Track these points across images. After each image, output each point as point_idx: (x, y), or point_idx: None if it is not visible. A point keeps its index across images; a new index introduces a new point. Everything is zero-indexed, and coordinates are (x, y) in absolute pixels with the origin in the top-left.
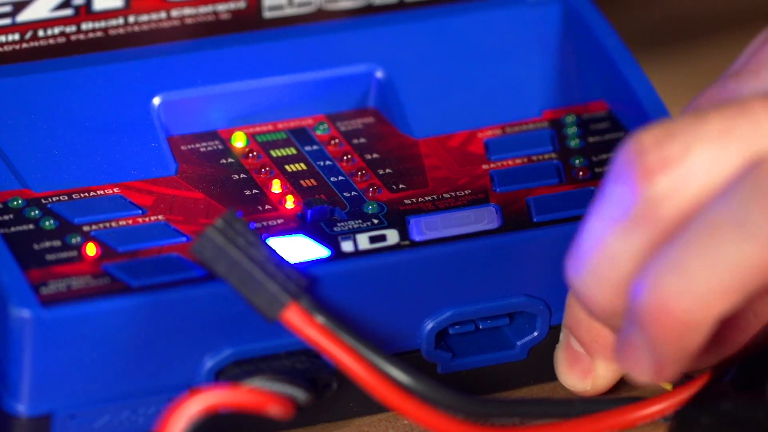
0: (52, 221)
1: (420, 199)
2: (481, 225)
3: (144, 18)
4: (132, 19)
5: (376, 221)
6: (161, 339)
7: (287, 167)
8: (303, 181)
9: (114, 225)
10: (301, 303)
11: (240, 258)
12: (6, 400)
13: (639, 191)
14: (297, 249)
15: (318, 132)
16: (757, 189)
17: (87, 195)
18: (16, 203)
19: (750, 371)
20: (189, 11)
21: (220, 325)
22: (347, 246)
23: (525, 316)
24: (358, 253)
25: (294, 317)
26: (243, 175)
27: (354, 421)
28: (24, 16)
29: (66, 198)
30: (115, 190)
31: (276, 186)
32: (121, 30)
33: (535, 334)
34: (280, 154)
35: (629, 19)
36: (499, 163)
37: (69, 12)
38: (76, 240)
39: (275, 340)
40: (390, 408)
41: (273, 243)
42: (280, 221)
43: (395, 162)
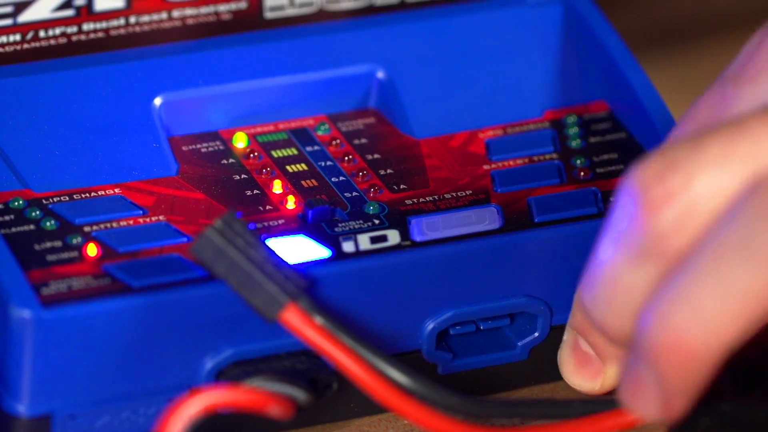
0: (52, 222)
1: (421, 200)
2: (482, 225)
3: (145, 18)
4: (133, 20)
5: (377, 222)
6: (161, 339)
7: (288, 168)
8: (304, 182)
9: (115, 225)
10: (300, 304)
11: (239, 259)
12: (6, 400)
13: (645, 225)
14: (298, 249)
15: (319, 132)
16: (759, 211)
17: (88, 195)
18: (16, 204)
19: (750, 371)
20: (190, 12)
21: (220, 326)
22: (348, 246)
23: (526, 316)
24: (359, 254)
25: (293, 318)
26: (244, 176)
27: (354, 422)
28: (25, 16)
29: (67, 198)
30: (116, 190)
31: (277, 186)
32: (123, 30)
33: (536, 334)
34: (281, 154)
35: (629, 19)
36: (500, 164)
37: (70, 12)
38: (76, 240)
39: (275, 340)
40: (389, 409)
41: (274, 243)
42: (281, 222)
43: (396, 162)
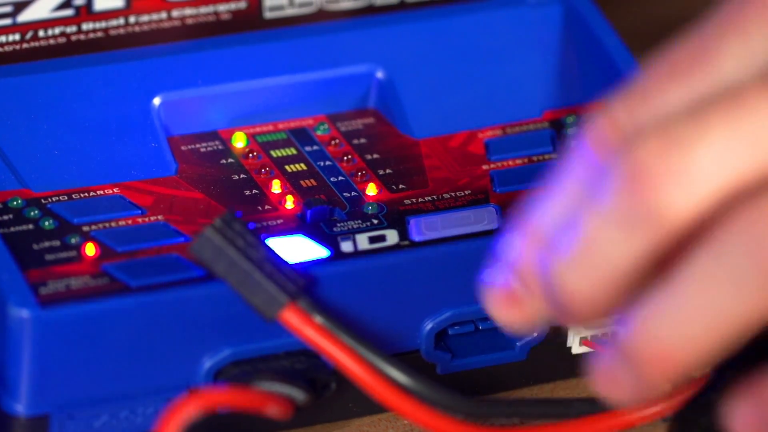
0: (51, 221)
1: (420, 200)
2: (481, 225)
3: (144, 18)
4: (132, 20)
5: (375, 221)
6: (160, 339)
7: (287, 167)
8: (303, 182)
9: (113, 225)
10: (300, 303)
11: (238, 258)
12: (4, 399)
13: (645, 202)
14: (297, 249)
15: (318, 132)
16: (756, 232)
17: (87, 195)
18: (15, 203)
19: (750, 371)
20: (190, 11)
21: (219, 326)
22: (347, 246)
23: None
24: (357, 254)
25: (292, 317)
26: (243, 176)
27: (353, 421)
28: (24, 16)
29: (65, 198)
30: (115, 190)
31: (276, 186)
32: (122, 30)
33: (535, 334)
34: (280, 154)
35: (629, 19)
36: (500, 164)
37: (69, 12)
38: (75, 240)
39: (274, 340)
40: (389, 408)
41: (273, 243)
42: (279, 221)
43: (395, 162)
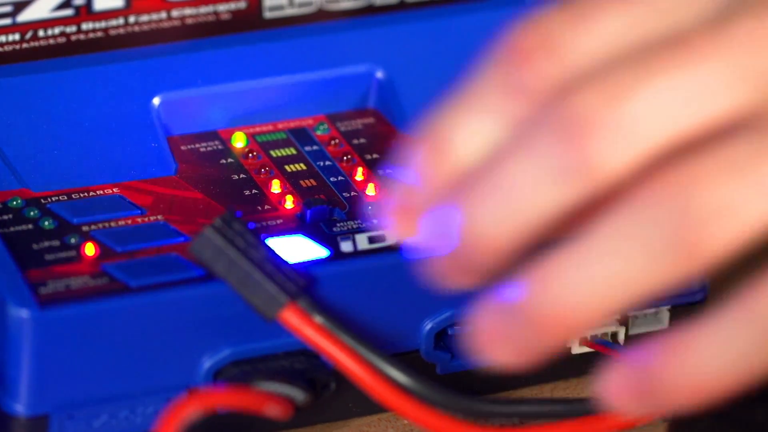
0: (51, 221)
1: None
2: None
3: (144, 18)
4: (132, 20)
5: (375, 221)
6: (160, 339)
7: (287, 167)
8: (302, 182)
9: (113, 225)
10: (300, 303)
11: (238, 258)
12: (4, 399)
13: (575, 151)
14: (296, 249)
15: (318, 132)
16: (677, 208)
17: (86, 195)
18: (15, 203)
19: None
20: (189, 11)
21: (218, 326)
22: (346, 246)
23: None
24: (357, 254)
25: (292, 317)
26: (243, 175)
27: (353, 421)
28: (24, 16)
29: (65, 198)
30: (115, 190)
31: (275, 186)
32: (122, 30)
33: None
34: (279, 154)
35: None
36: None
37: (69, 12)
38: (75, 240)
39: (274, 340)
40: (389, 408)
41: (272, 243)
42: (279, 221)
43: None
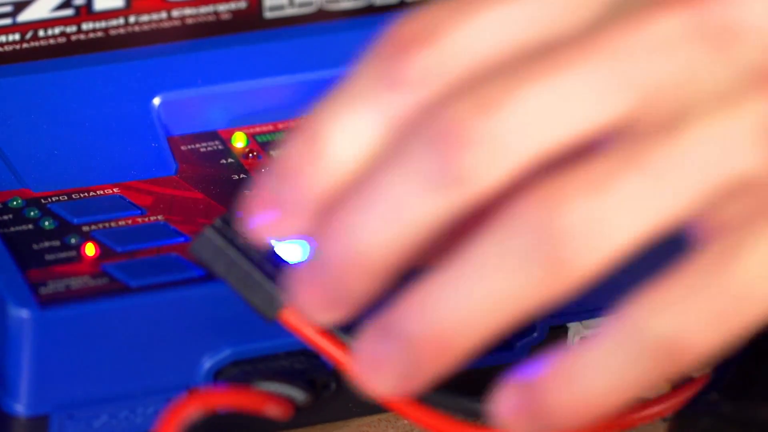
0: (51, 221)
1: None
2: None
3: (144, 18)
4: (132, 19)
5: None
6: (160, 339)
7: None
8: None
9: (113, 225)
10: None
11: (238, 258)
12: (4, 400)
13: (447, 162)
14: (296, 249)
15: None
16: (540, 225)
17: (86, 195)
18: (15, 203)
19: (749, 372)
20: (190, 11)
21: (218, 326)
22: None
23: None
24: None
25: (292, 317)
26: (243, 175)
27: (353, 422)
28: (24, 16)
29: (65, 198)
30: (115, 190)
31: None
32: (122, 30)
33: (535, 335)
34: None
35: None
36: None
37: (69, 12)
38: (75, 240)
39: (274, 340)
40: (388, 408)
41: (272, 243)
42: None
43: None
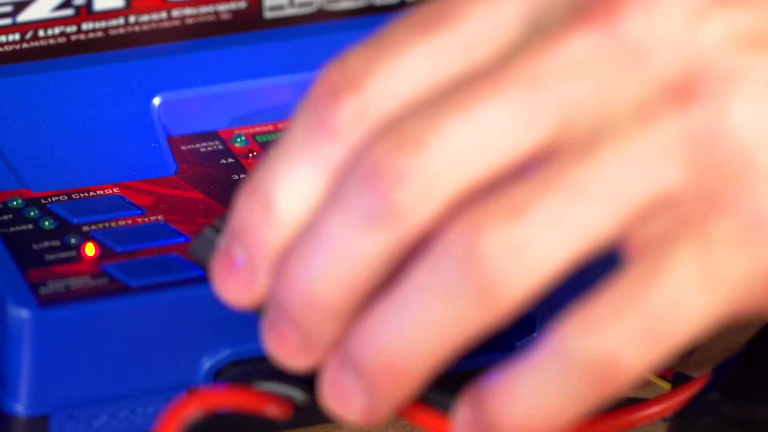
0: (51, 221)
1: None
2: None
3: (144, 18)
4: (132, 19)
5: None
6: (160, 339)
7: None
8: None
9: (113, 225)
10: None
11: None
12: (4, 400)
13: (378, 200)
14: None
15: None
16: (464, 253)
17: (86, 195)
18: (15, 203)
19: (749, 372)
20: (190, 11)
21: (218, 326)
22: None
23: (524, 316)
24: None
25: None
26: (243, 175)
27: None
28: (24, 16)
29: (65, 198)
30: (115, 190)
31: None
32: (122, 30)
33: (535, 335)
34: None
35: None
36: None
37: (69, 12)
38: (75, 240)
39: None
40: None
41: None
42: None
43: None
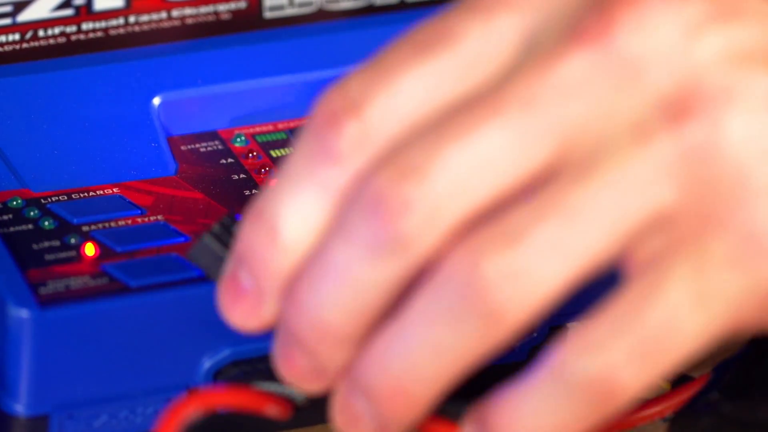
0: (51, 221)
1: None
2: None
3: (144, 18)
4: (132, 19)
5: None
6: (159, 339)
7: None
8: None
9: (113, 225)
10: None
11: None
12: (4, 400)
13: (383, 229)
14: None
15: None
16: (464, 280)
17: (86, 195)
18: (15, 203)
19: (749, 372)
20: (189, 11)
21: (218, 326)
22: None
23: None
24: None
25: None
26: (243, 175)
27: None
28: (24, 16)
29: (65, 198)
30: (115, 190)
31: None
32: (122, 30)
33: (534, 335)
34: (279, 154)
35: None
36: None
37: (69, 12)
38: (75, 240)
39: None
40: None
41: None
42: None
43: None
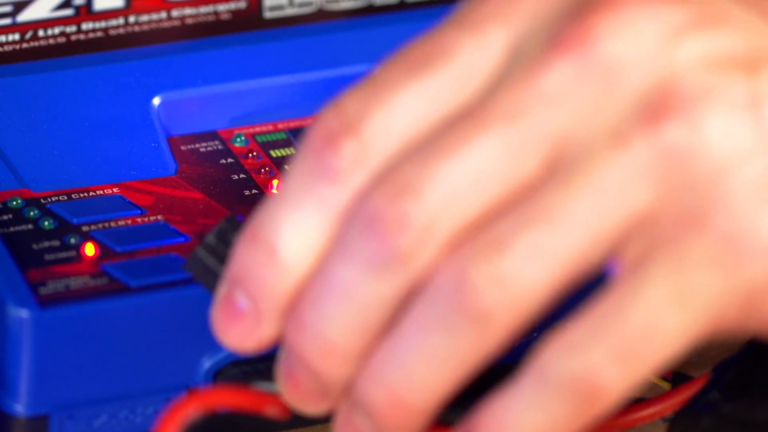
0: (51, 221)
1: None
2: None
3: (144, 18)
4: (132, 19)
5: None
6: (159, 339)
7: (287, 167)
8: None
9: (113, 225)
10: None
11: None
12: (4, 400)
13: (381, 245)
14: None
15: None
16: (454, 289)
17: (86, 195)
18: (15, 203)
19: (749, 372)
20: (189, 11)
21: None
22: None
23: None
24: None
25: None
26: (243, 176)
27: None
28: (24, 16)
29: (65, 198)
30: (115, 190)
31: (276, 186)
32: (122, 30)
33: (535, 335)
34: (280, 154)
35: None
36: None
37: (69, 12)
38: (75, 240)
39: None
40: None
41: None
42: None
43: None
